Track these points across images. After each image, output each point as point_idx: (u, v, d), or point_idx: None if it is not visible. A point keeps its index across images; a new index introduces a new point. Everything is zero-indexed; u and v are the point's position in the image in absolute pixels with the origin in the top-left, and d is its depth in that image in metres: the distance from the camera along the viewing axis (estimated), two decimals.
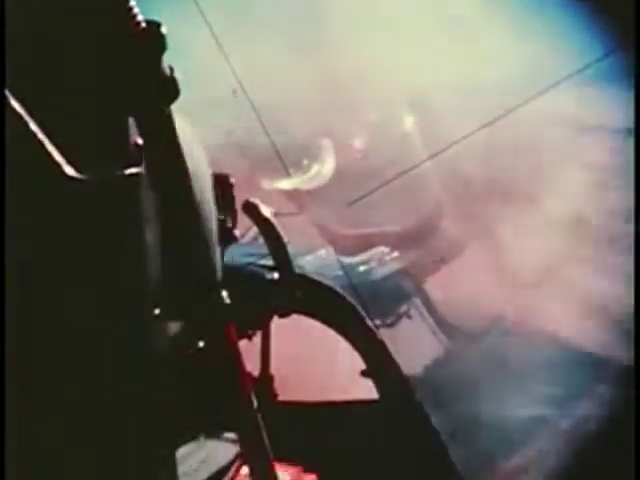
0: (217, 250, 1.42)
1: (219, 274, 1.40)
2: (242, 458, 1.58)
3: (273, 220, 1.96)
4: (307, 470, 1.83)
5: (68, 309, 0.94)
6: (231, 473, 1.54)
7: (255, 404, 1.28)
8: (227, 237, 1.59)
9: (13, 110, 0.85)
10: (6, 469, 0.87)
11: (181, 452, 1.43)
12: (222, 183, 1.58)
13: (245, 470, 1.54)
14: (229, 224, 1.65)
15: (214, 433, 1.60)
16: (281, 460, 1.39)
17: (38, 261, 0.91)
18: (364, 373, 2.71)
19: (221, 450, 1.60)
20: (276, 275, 2.46)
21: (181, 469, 1.34)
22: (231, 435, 1.66)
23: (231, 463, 1.57)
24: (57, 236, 0.92)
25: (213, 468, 1.50)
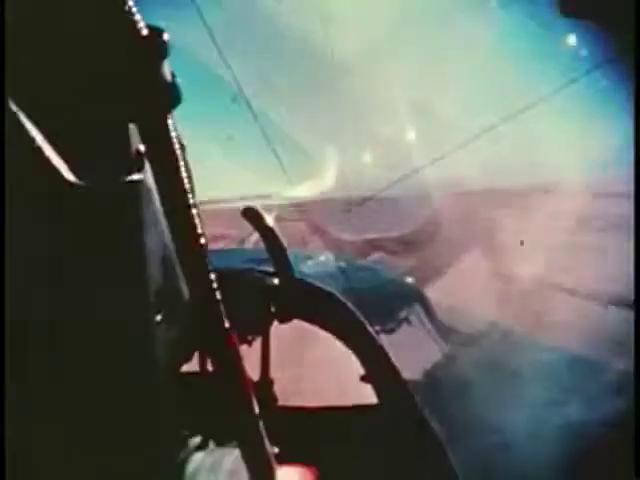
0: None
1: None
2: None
3: (274, 226, 1.97)
4: (307, 474, 1.82)
5: (68, 315, 0.94)
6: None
7: (256, 409, 1.28)
8: None
9: (13, 116, 0.86)
10: (6, 469, 0.88)
11: (209, 462, 1.42)
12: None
13: None
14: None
15: (221, 438, 1.58)
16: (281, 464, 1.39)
17: (38, 267, 0.91)
18: (364, 378, 2.71)
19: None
20: (276, 281, 2.47)
21: None
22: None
23: None
24: (57, 242, 0.93)
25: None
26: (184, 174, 1.10)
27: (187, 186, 1.11)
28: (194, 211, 1.12)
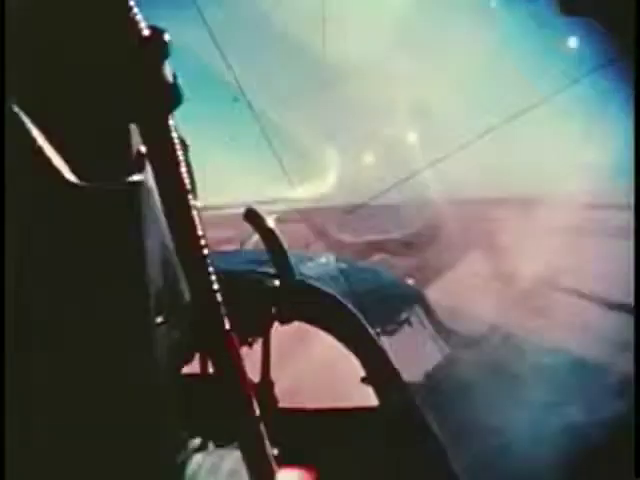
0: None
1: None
2: None
3: (274, 227, 1.96)
4: (308, 476, 1.82)
5: (70, 315, 0.94)
6: None
7: (256, 411, 1.28)
8: None
9: (15, 117, 0.86)
10: (6, 469, 0.87)
11: (209, 463, 1.42)
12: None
13: None
14: None
15: (222, 440, 1.58)
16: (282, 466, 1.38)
17: (39, 267, 0.91)
18: (365, 380, 2.70)
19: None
20: (277, 282, 2.46)
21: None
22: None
23: None
24: (59, 242, 0.92)
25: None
26: (185, 174, 1.10)
27: (188, 186, 1.10)
28: (195, 212, 1.12)
